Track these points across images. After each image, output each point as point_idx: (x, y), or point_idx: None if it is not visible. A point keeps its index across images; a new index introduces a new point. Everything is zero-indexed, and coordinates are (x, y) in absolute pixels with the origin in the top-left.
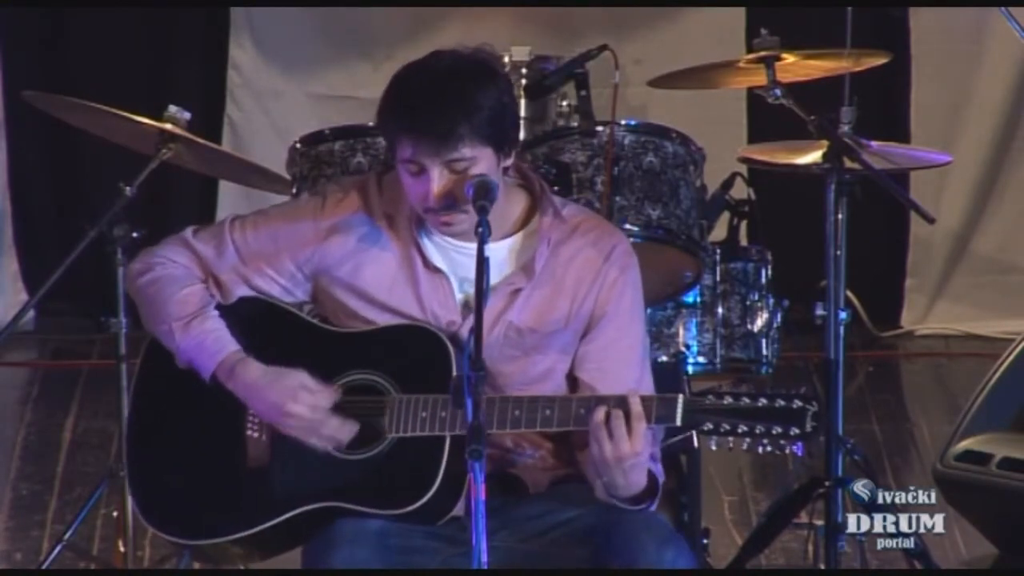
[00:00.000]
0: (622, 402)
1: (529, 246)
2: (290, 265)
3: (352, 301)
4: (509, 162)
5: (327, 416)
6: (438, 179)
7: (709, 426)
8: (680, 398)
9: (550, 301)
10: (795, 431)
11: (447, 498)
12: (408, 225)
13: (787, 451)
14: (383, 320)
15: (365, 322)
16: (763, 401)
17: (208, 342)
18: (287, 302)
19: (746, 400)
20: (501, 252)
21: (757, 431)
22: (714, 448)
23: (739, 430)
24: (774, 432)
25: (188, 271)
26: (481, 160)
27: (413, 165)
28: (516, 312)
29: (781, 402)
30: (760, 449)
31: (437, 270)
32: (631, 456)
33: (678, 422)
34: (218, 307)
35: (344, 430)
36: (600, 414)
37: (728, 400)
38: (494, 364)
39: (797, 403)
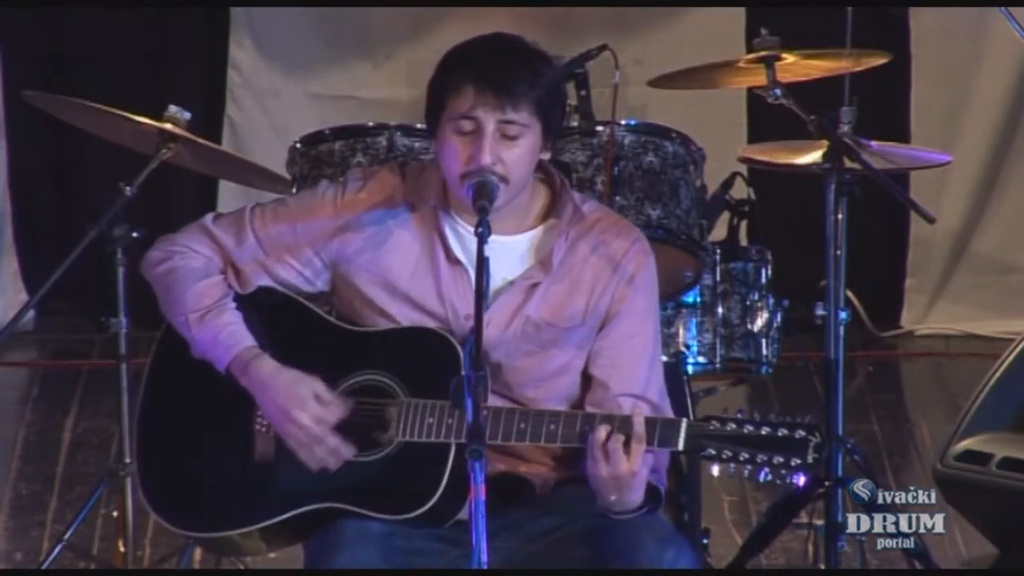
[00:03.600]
0: (625, 422)
1: (548, 241)
2: (311, 255)
3: (370, 290)
4: (547, 155)
5: (327, 433)
6: (491, 136)
7: (711, 452)
8: (684, 423)
9: (567, 296)
10: (796, 461)
11: (450, 503)
12: (431, 214)
13: (788, 480)
14: (400, 311)
15: (382, 313)
16: (766, 429)
17: (223, 336)
18: (304, 296)
19: (749, 427)
20: (522, 246)
21: (758, 459)
22: (715, 473)
23: (740, 457)
24: (775, 461)
25: (207, 261)
26: (529, 133)
27: (467, 121)
28: (534, 306)
29: (784, 431)
30: (761, 477)
31: (457, 262)
32: (628, 476)
33: (680, 447)
34: (235, 298)
35: (338, 455)
36: (600, 434)
37: (731, 426)
38: (510, 359)
39: (800, 433)
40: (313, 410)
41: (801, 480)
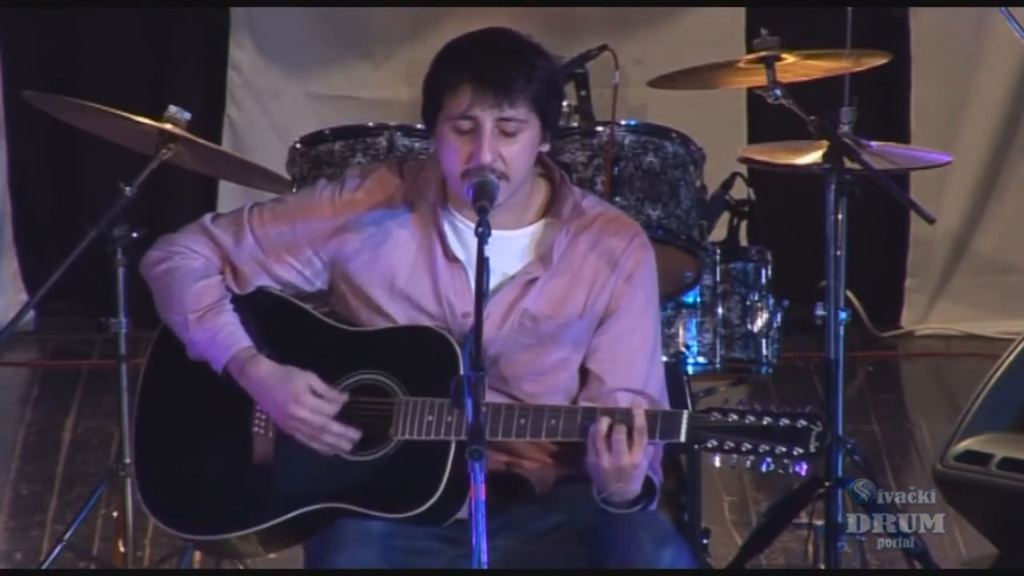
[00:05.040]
0: (626, 415)
1: (548, 236)
2: (310, 254)
3: (369, 289)
4: (546, 147)
5: (328, 422)
6: (490, 134)
7: (713, 443)
8: (685, 414)
9: (566, 291)
10: (798, 451)
11: (451, 502)
12: (430, 212)
13: (790, 471)
14: (398, 309)
15: (379, 311)
16: (767, 420)
17: (221, 336)
18: (303, 296)
19: (751, 418)
20: (523, 240)
21: (760, 450)
22: (717, 464)
23: (742, 448)
24: (777, 451)
25: (206, 262)
26: (528, 128)
27: (466, 121)
28: (531, 300)
29: (785, 421)
30: (764, 468)
31: (456, 260)
32: (630, 468)
33: (682, 438)
34: (233, 299)
35: (345, 439)
36: (602, 425)
37: (733, 417)
38: (508, 353)
39: (801, 422)
40: (310, 403)
41: (804, 470)
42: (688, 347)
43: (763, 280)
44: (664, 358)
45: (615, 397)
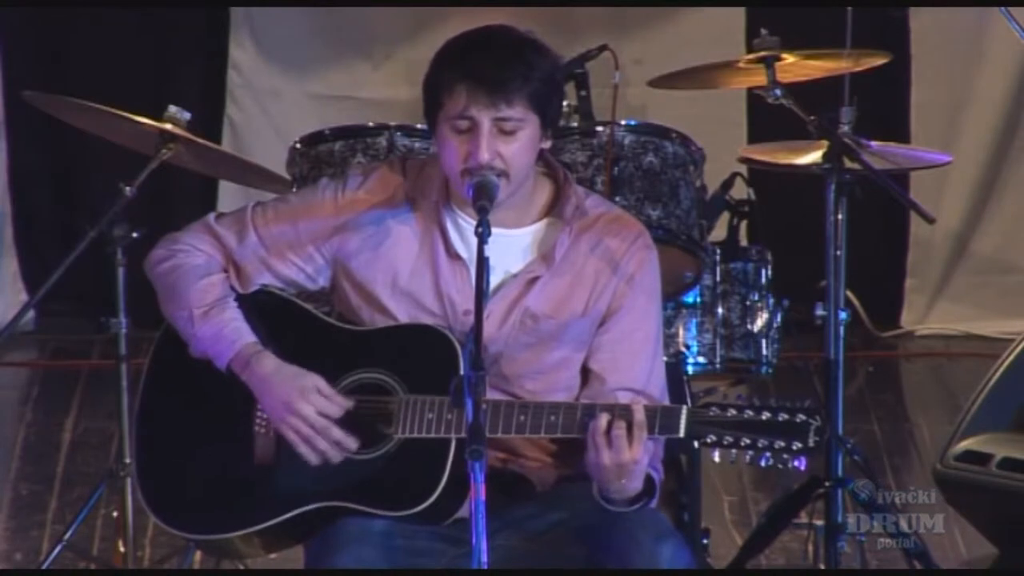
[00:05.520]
0: (625, 411)
1: (551, 235)
2: (312, 252)
3: (371, 287)
4: (547, 144)
5: (330, 426)
6: (487, 134)
7: (712, 438)
8: (684, 410)
9: (568, 290)
10: (797, 445)
11: (451, 500)
12: (432, 210)
13: (789, 465)
14: (399, 306)
15: (381, 309)
16: (766, 414)
17: (226, 332)
18: (305, 294)
19: (749, 413)
20: (525, 239)
21: (759, 444)
22: (716, 460)
23: (742, 443)
24: (776, 446)
25: (210, 259)
26: (527, 126)
27: (463, 121)
28: (533, 298)
29: (784, 416)
30: (763, 462)
31: (457, 257)
32: (630, 464)
33: (681, 433)
34: (236, 298)
35: (340, 447)
36: (602, 421)
37: (732, 412)
38: (509, 351)
39: (800, 417)
40: (317, 402)
41: (803, 464)
42: (688, 347)
43: (763, 280)
44: (664, 358)
45: (616, 397)
